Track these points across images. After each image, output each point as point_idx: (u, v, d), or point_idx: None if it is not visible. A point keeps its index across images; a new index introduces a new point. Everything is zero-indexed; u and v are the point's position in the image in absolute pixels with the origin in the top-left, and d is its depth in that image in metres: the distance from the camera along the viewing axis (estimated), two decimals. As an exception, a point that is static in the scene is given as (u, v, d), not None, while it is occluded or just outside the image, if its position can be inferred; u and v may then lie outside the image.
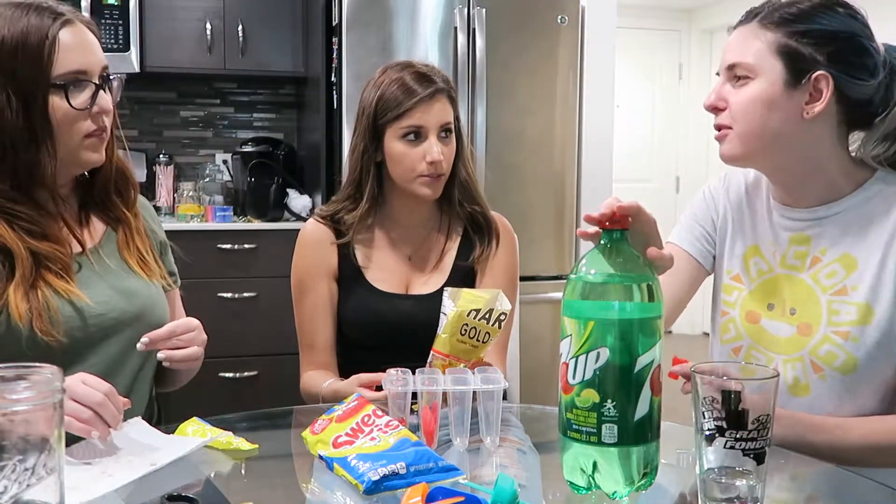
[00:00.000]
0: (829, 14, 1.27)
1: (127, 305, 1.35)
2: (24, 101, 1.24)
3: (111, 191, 1.41)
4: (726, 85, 1.32)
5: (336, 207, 1.69)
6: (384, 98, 1.59)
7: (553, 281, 3.50)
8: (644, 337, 0.94)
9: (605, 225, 0.99)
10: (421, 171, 1.58)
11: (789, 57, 1.26)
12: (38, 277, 1.27)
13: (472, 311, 1.30)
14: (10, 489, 0.75)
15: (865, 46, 1.27)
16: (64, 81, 1.25)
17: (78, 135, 1.29)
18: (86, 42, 1.30)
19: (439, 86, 1.59)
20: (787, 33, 1.26)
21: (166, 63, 3.67)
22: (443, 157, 1.58)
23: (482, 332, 1.31)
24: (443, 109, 1.59)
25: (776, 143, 1.29)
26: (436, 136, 1.59)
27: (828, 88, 1.26)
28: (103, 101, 1.30)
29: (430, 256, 1.68)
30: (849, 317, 1.28)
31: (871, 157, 1.33)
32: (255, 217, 3.75)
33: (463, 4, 3.39)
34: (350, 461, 1.03)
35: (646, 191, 6.31)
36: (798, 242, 1.35)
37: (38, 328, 1.23)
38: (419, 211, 1.68)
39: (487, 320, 1.30)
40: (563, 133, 3.59)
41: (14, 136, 1.24)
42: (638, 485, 0.96)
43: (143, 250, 1.43)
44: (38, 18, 1.25)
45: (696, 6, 6.22)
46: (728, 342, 1.41)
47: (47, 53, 1.23)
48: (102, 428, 1.09)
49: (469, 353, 1.33)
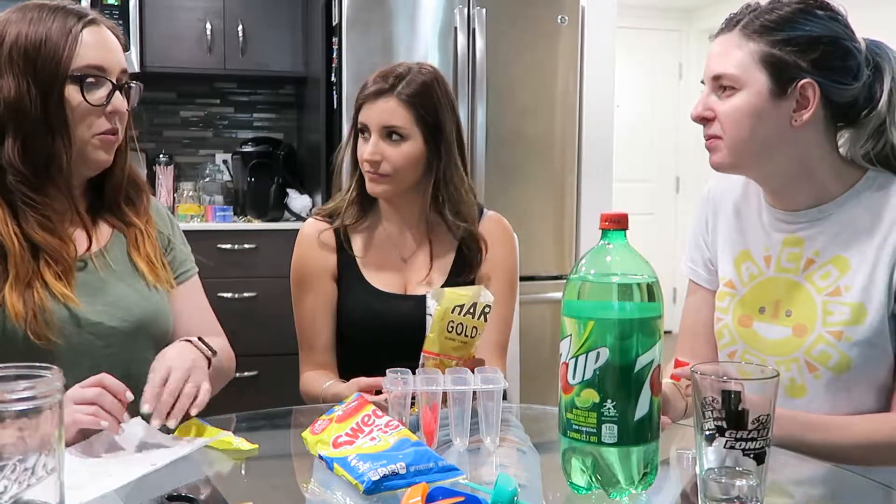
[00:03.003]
0: (811, 19, 1.26)
1: (126, 315, 1.34)
2: (43, 91, 1.26)
3: (122, 198, 1.42)
4: (712, 95, 1.31)
5: (333, 206, 1.70)
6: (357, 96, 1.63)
7: (553, 281, 3.50)
8: (644, 337, 0.94)
9: (606, 225, 0.99)
10: (365, 168, 1.61)
11: (774, 67, 1.25)
12: (36, 275, 1.26)
13: (456, 307, 1.31)
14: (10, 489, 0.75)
15: (849, 49, 1.27)
16: (81, 74, 1.28)
17: (90, 131, 1.30)
18: (107, 42, 1.32)
19: (390, 87, 1.57)
20: (769, 42, 1.26)
21: (166, 63, 3.67)
22: (382, 157, 1.58)
23: (469, 327, 1.32)
24: (386, 111, 1.57)
25: (766, 152, 1.30)
26: (377, 136, 1.58)
27: (814, 96, 1.26)
28: (118, 101, 1.31)
29: (426, 258, 1.68)
30: (842, 317, 1.28)
31: (861, 155, 1.33)
32: (255, 217, 3.75)
33: (463, 4, 3.39)
34: (350, 461, 1.03)
35: (646, 191, 6.32)
36: (791, 244, 1.35)
37: (31, 330, 1.23)
38: (405, 212, 1.68)
39: (473, 314, 1.32)
40: (563, 133, 3.59)
41: (32, 125, 1.27)
42: (638, 485, 0.96)
43: (153, 255, 1.42)
44: (64, 18, 1.29)
45: (696, 6, 6.22)
46: (723, 347, 1.42)
47: (69, 46, 1.27)
48: (107, 417, 1.10)
49: (460, 350, 1.33)
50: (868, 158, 1.33)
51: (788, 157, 1.30)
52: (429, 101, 1.60)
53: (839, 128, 1.34)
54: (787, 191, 1.35)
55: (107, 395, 1.12)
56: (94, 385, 1.13)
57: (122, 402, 1.13)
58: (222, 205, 3.85)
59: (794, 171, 1.32)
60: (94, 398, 1.11)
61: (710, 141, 1.33)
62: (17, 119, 1.26)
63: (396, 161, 1.59)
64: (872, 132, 1.31)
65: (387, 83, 1.58)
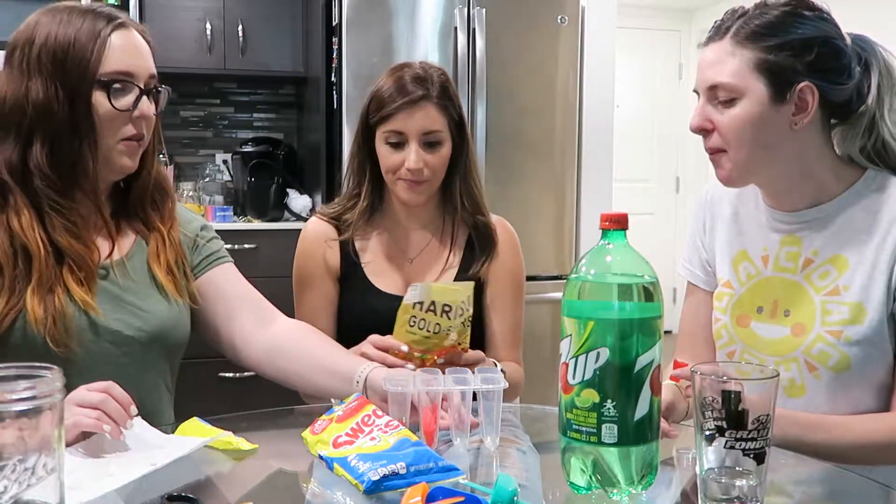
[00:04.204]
0: (801, 21, 1.25)
1: (144, 325, 1.33)
2: (70, 96, 1.26)
3: (147, 202, 1.40)
4: (708, 106, 1.29)
5: (339, 206, 1.69)
6: (375, 98, 1.59)
7: (553, 281, 3.50)
8: (644, 337, 0.94)
9: (606, 225, 0.99)
10: (400, 175, 1.58)
11: (771, 73, 1.24)
12: (59, 280, 1.25)
13: (417, 303, 1.38)
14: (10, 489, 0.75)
15: (840, 48, 1.27)
16: (108, 79, 1.27)
17: (116, 136, 1.29)
18: (136, 47, 1.32)
19: (427, 93, 1.56)
20: (763, 48, 1.24)
21: (166, 63, 3.63)
22: (424, 165, 1.56)
23: (432, 323, 1.38)
24: (427, 117, 1.56)
25: (768, 158, 1.29)
26: (417, 144, 1.56)
27: (813, 98, 1.25)
28: (145, 106, 1.31)
29: (431, 260, 1.68)
30: (841, 316, 1.28)
31: (858, 150, 1.33)
32: (255, 217, 3.75)
33: (463, 4, 3.39)
34: (350, 461, 1.03)
35: (646, 191, 6.32)
36: (789, 244, 1.35)
37: (51, 336, 1.22)
38: (418, 213, 1.67)
39: (434, 311, 1.37)
40: (563, 133, 3.59)
41: (60, 129, 1.26)
42: (638, 485, 0.96)
43: (174, 262, 1.39)
44: (93, 20, 1.28)
45: (696, 6, 6.22)
46: (722, 347, 1.42)
47: (97, 50, 1.26)
48: (111, 423, 1.10)
49: (423, 344, 1.39)
50: (865, 154, 1.33)
51: (789, 159, 1.30)
52: (454, 100, 1.61)
53: (833, 125, 1.34)
54: (788, 192, 1.35)
55: (112, 401, 1.11)
56: (100, 391, 1.12)
57: (127, 412, 1.13)
58: (222, 205, 3.85)
59: (794, 173, 1.32)
60: (99, 403, 1.10)
61: (714, 155, 1.31)
62: (45, 122, 1.25)
63: (436, 166, 1.58)
64: (866, 126, 1.31)
65: (423, 89, 1.56)
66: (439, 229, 1.69)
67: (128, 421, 1.12)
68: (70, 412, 1.05)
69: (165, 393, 1.41)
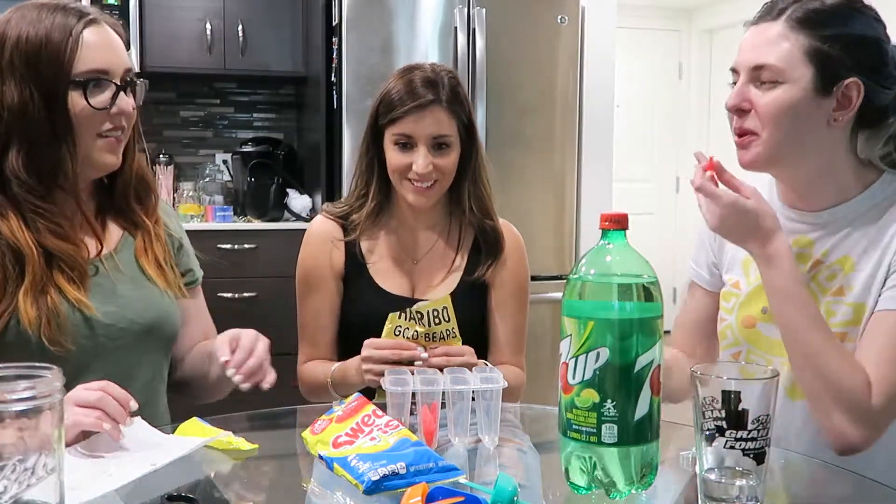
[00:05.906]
0: (857, 17, 1.23)
1: (137, 317, 1.33)
2: (46, 98, 1.24)
3: (131, 197, 1.39)
4: (749, 86, 1.26)
5: (345, 205, 1.69)
6: (385, 100, 1.58)
7: (553, 281, 3.49)
8: (644, 337, 0.94)
9: (606, 225, 0.99)
10: (409, 177, 1.57)
11: (821, 63, 1.22)
12: (50, 281, 1.25)
13: (401, 312, 1.51)
14: (10, 489, 0.75)
15: (889, 52, 1.25)
16: (84, 79, 1.25)
17: (94, 134, 1.28)
18: (109, 42, 1.30)
19: (437, 97, 1.54)
20: (818, 36, 1.22)
21: (166, 63, 3.67)
22: (432, 168, 1.55)
23: (412, 331, 1.51)
24: (436, 122, 1.55)
25: (799, 151, 1.27)
26: (426, 148, 1.55)
27: (858, 96, 1.23)
28: (123, 102, 1.29)
29: (437, 262, 1.67)
30: (845, 317, 1.27)
31: (879, 157, 1.31)
32: (255, 217, 3.75)
33: (463, 4, 3.39)
34: (350, 461, 1.03)
35: (646, 191, 6.32)
36: (801, 246, 1.34)
37: (45, 336, 1.22)
38: (425, 215, 1.66)
39: (416, 320, 1.51)
40: (563, 133, 3.59)
41: (37, 132, 1.24)
42: (638, 485, 0.96)
43: (162, 258, 1.40)
44: (64, 17, 1.25)
45: (696, 6, 6.22)
46: (726, 348, 1.41)
47: (69, 50, 1.24)
48: (110, 421, 1.10)
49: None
50: (887, 161, 1.31)
51: (816, 156, 1.28)
52: (464, 104, 1.60)
53: (861, 131, 1.32)
54: (809, 189, 1.32)
55: (110, 399, 1.11)
56: (98, 390, 1.12)
57: (126, 410, 1.13)
58: (222, 205, 3.85)
59: (820, 171, 1.29)
60: (97, 402, 1.10)
61: (745, 137, 1.28)
62: (22, 127, 1.24)
63: (445, 169, 1.57)
64: (891, 136, 1.30)
65: (433, 93, 1.55)
66: (446, 231, 1.68)
67: (127, 418, 1.12)
68: (69, 412, 1.05)
69: (160, 385, 1.42)
